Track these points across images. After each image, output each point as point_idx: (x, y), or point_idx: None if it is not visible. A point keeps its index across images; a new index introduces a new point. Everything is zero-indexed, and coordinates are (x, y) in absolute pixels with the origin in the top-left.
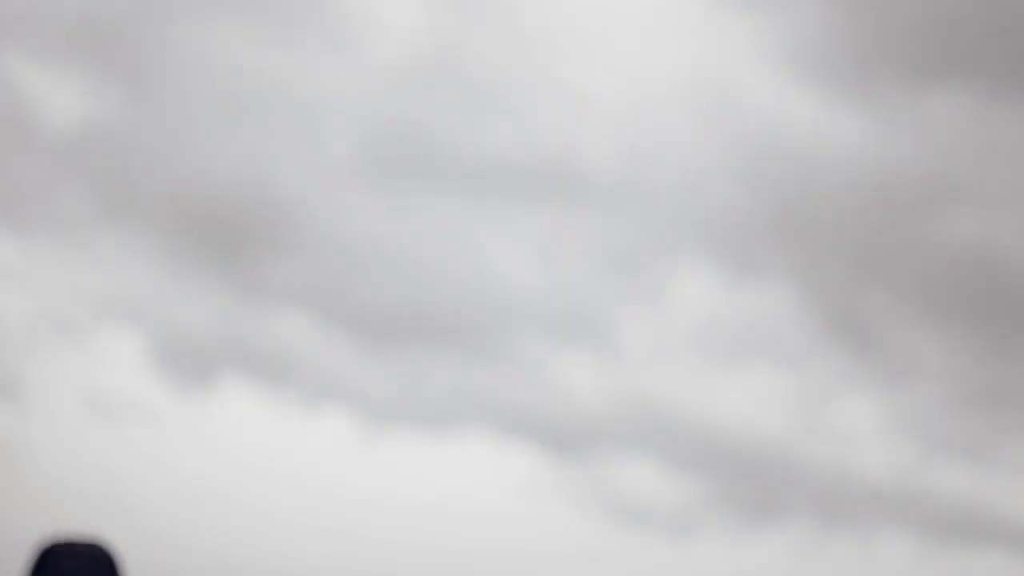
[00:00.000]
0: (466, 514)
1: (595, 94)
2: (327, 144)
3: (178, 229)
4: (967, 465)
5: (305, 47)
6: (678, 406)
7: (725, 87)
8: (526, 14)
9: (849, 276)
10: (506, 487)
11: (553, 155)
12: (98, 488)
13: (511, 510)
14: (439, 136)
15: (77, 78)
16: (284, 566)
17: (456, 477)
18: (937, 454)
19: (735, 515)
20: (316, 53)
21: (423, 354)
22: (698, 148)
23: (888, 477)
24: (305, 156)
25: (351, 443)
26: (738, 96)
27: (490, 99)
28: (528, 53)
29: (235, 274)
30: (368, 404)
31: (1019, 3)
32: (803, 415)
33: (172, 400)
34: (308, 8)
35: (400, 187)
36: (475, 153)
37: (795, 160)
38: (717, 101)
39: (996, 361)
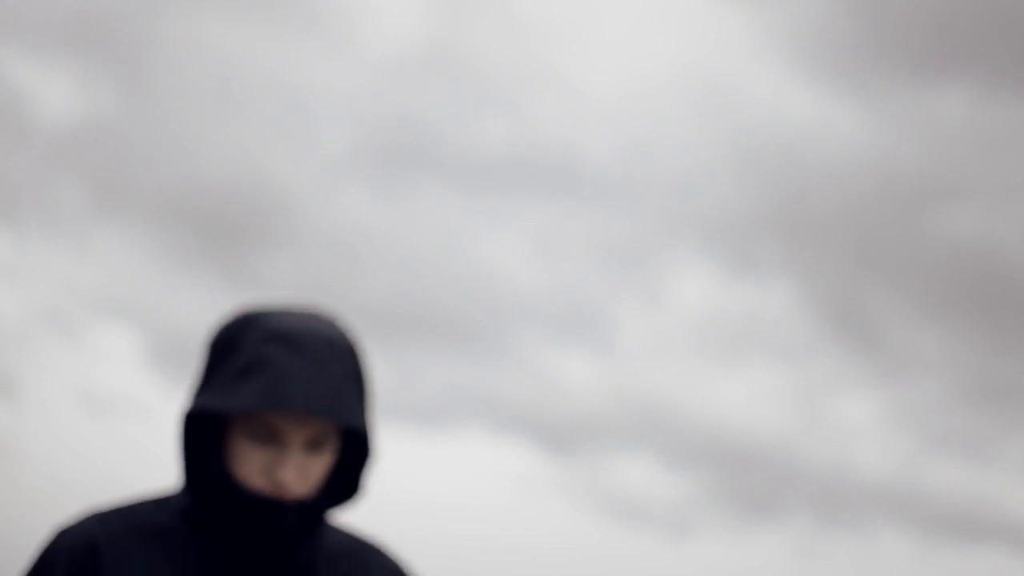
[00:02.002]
0: (462, 511)
1: (593, 88)
2: (323, 139)
3: (174, 224)
4: (968, 462)
5: (301, 40)
6: (676, 403)
7: (724, 81)
8: (523, 6)
9: (849, 272)
10: (503, 484)
11: (551, 150)
12: (94, 484)
13: (507, 507)
14: (436, 130)
15: (71, 72)
16: None
17: (452, 474)
18: (938, 451)
19: (734, 513)
20: (312, 46)
21: (419, 350)
22: (696, 143)
23: (888, 474)
24: (302, 151)
25: None
26: (737, 90)
27: (488, 93)
28: (525, 46)
29: (231, 269)
30: None
31: None
32: (802, 412)
33: (169, 397)
34: (303, 1)
35: (397, 181)
36: (472, 147)
37: (794, 155)
38: (715, 95)
39: (997, 358)
